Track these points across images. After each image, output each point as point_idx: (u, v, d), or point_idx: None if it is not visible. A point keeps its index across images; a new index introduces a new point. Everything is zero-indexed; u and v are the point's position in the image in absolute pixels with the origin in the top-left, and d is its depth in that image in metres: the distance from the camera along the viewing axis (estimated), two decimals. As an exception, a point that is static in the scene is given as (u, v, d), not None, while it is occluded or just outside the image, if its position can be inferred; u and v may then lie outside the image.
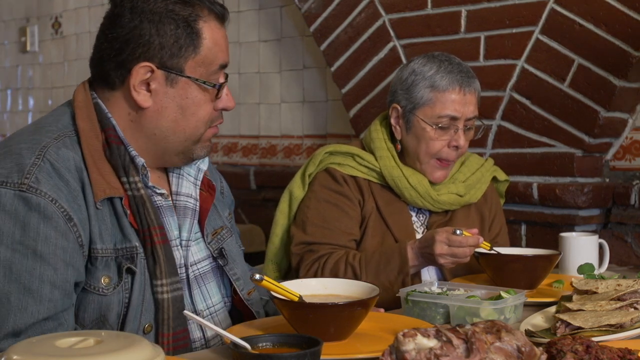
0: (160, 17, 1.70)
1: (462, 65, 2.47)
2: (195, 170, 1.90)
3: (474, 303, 1.78)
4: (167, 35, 1.70)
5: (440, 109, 2.41)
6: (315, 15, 3.51)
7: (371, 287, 1.70)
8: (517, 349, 1.27)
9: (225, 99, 1.81)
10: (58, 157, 1.63)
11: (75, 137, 1.70)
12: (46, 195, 1.57)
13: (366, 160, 2.50)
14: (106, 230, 1.66)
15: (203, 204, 1.89)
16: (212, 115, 1.80)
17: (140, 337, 1.26)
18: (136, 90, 1.72)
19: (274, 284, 1.62)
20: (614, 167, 2.94)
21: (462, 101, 2.41)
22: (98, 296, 1.65)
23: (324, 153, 2.56)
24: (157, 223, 1.72)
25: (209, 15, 1.75)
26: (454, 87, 2.40)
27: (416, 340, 1.26)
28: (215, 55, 1.75)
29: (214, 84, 1.76)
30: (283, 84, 3.92)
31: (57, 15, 5.14)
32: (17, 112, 5.47)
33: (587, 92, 2.80)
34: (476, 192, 2.57)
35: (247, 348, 1.35)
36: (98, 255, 1.64)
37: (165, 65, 1.71)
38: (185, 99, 1.74)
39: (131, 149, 1.74)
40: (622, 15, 2.70)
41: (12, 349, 1.17)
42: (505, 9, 2.96)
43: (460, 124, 2.42)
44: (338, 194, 2.48)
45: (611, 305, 1.73)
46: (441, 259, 2.23)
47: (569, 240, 2.43)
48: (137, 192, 1.71)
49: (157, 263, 1.70)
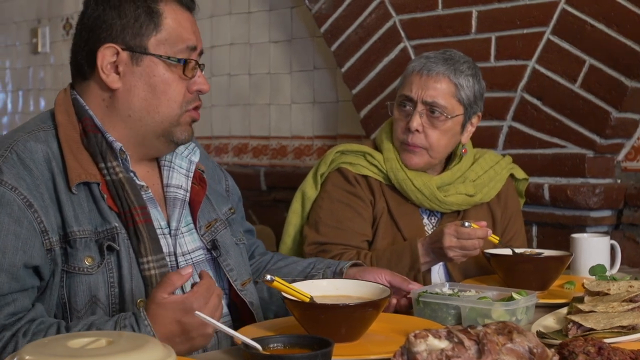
0: (120, 1, 1.79)
1: (447, 54, 2.50)
2: (187, 163, 1.95)
3: (485, 304, 1.78)
4: (127, 16, 1.79)
5: (401, 90, 2.49)
6: (326, 16, 3.51)
7: (382, 288, 1.70)
8: (529, 350, 1.27)
9: (199, 81, 1.85)
10: (25, 148, 1.72)
11: (53, 130, 1.79)
12: (6, 184, 1.66)
13: (377, 159, 2.50)
14: (83, 214, 1.72)
15: (195, 197, 1.93)
16: (187, 96, 1.84)
17: (152, 337, 1.26)
18: (105, 72, 1.79)
19: (285, 284, 1.62)
20: (625, 167, 2.93)
21: (420, 83, 2.44)
22: (84, 276, 1.69)
23: (335, 152, 2.56)
24: (138, 204, 1.77)
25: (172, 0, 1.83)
26: (416, 70, 2.47)
27: (427, 341, 1.26)
28: (179, 34, 1.81)
29: (179, 59, 1.80)
30: (293, 84, 3.92)
31: (68, 16, 5.15)
32: (28, 113, 5.49)
33: (598, 92, 2.79)
34: (489, 191, 2.55)
35: (259, 349, 1.35)
36: (76, 237, 1.70)
37: (129, 46, 1.79)
38: (152, 77, 1.80)
39: (108, 135, 1.81)
40: (633, 16, 2.69)
41: (24, 350, 1.18)
42: (516, 9, 2.96)
43: (418, 107, 2.43)
44: (351, 194, 2.48)
45: (623, 306, 1.72)
46: (450, 252, 2.24)
47: (581, 242, 2.42)
48: (116, 176, 1.77)
49: (141, 241, 1.75)
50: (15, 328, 1.60)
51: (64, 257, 1.70)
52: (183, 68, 1.81)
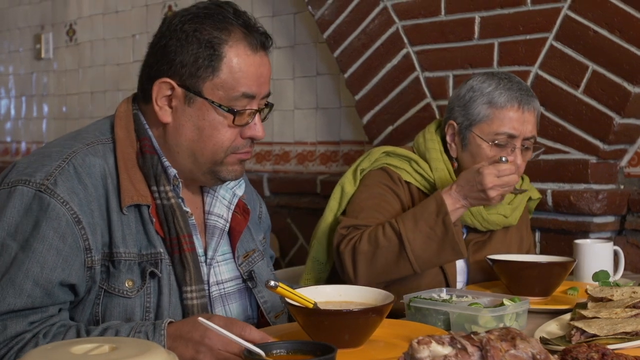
0: (187, 36, 1.74)
1: (522, 83, 2.43)
2: (231, 195, 1.93)
3: (473, 310, 1.78)
4: (188, 54, 1.74)
5: (498, 126, 2.36)
6: (329, 21, 3.51)
7: (386, 294, 1.70)
8: (532, 356, 1.26)
9: (253, 128, 1.81)
10: (83, 162, 1.70)
11: (111, 144, 1.78)
12: (59, 197, 1.64)
13: (422, 168, 2.46)
14: (130, 235, 1.71)
15: (236, 226, 1.92)
16: (237, 142, 1.80)
17: (155, 343, 1.26)
18: (158, 105, 1.77)
19: (288, 290, 1.62)
20: (628, 173, 2.93)
21: (521, 119, 2.36)
22: (122, 299, 1.69)
23: (381, 152, 2.52)
24: (187, 232, 1.76)
25: (240, 41, 1.76)
26: (512, 104, 2.36)
27: (431, 347, 1.25)
28: (238, 81, 1.75)
29: (230, 109, 1.76)
30: (296, 90, 3.93)
31: (72, 22, 5.16)
32: (31, 119, 5.50)
33: (601, 98, 2.79)
34: (517, 215, 2.54)
35: (262, 355, 1.35)
36: (121, 258, 1.69)
37: (184, 84, 1.75)
38: (202, 120, 1.76)
39: (164, 160, 1.79)
40: (636, 22, 2.69)
41: (28, 356, 1.18)
42: (519, 15, 2.96)
43: (517, 143, 2.37)
44: (392, 192, 2.44)
45: (627, 312, 1.72)
46: (492, 191, 2.21)
47: (584, 247, 2.42)
48: (167, 201, 1.76)
49: (187, 270, 1.74)
50: (36, 330, 1.61)
51: (104, 276, 1.69)
52: (234, 118, 1.77)
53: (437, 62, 3.19)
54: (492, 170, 2.20)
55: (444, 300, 1.91)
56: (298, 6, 3.86)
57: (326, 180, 3.65)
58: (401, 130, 3.29)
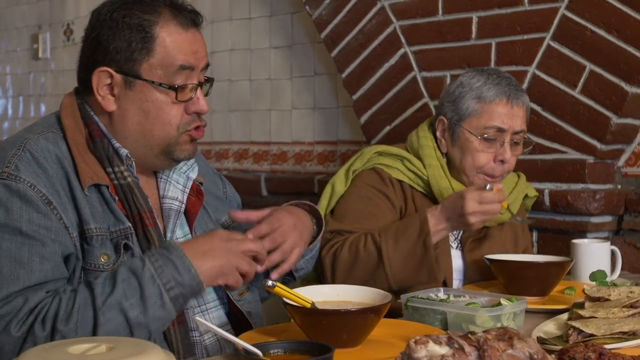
0: (117, 23, 1.78)
1: (512, 79, 2.44)
2: (184, 179, 1.95)
3: (470, 310, 1.78)
4: (121, 40, 1.77)
5: (487, 120, 2.38)
6: (326, 21, 3.51)
7: (384, 293, 1.70)
8: (530, 356, 1.27)
9: (197, 102, 1.83)
10: (37, 147, 1.73)
11: (60, 133, 1.80)
12: (25, 181, 1.66)
13: (415, 166, 2.47)
14: (97, 214, 1.74)
15: (192, 208, 1.94)
16: (184, 118, 1.83)
17: (153, 343, 1.26)
18: (100, 95, 1.80)
19: (286, 290, 1.62)
20: (626, 173, 2.93)
21: (510, 113, 2.38)
22: (100, 273, 1.70)
23: (373, 152, 2.53)
24: (147, 207, 1.79)
25: (170, 21, 1.79)
26: (501, 99, 2.38)
27: (428, 347, 1.26)
28: (174, 57, 1.79)
29: (171, 86, 1.79)
30: (294, 90, 3.93)
31: (69, 22, 5.16)
32: (29, 119, 5.49)
33: (598, 98, 2.79)
34: (513, 210, 2.54)
35: (259, 355, 1.35)
36: (93, 234, 1.71)
37: (122, 69, 1.78)
38: (145, 102, 1.79)
39: (114, 142, 1.82)
40: (634, 22, 2.69)
41: (25, 356, 1.18)
42: (516, 15, 2.96)
43: (507, 137, 2.38)
44: (381, 194, 2.45)
45: (624, 312, 1.72)
46: (472, 217, 2.21)
47: (581, 247, 2.43)
48: (124, 180, 1.79)
49: (152, 243, 1.77)
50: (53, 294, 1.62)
51: (82, 254, 1.71)
52: (175, 94, 1.79)
53: (435, 62, 3.19)
54: (475, 196, 2.21)
55: (441, 300, 1.91)
56: (295, 6, 3.86)
57: (324, 180, 3.64)
58: (399, 130, 3.29)
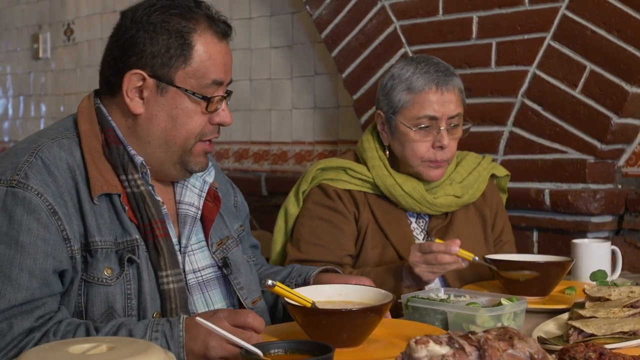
0: (155, 27, 1.77)
1: (441, 64, 2.46)
2: (201, 183, 1.94)
3: (470, 310, 1.79)
4: (159, 44, 1.77)
5: (419, 110, 2.40)
6: (327, 21, 3.51)
7: (385, 293, 1.70)
8: (530, 356, 1.27)
9: (222, 114, 1.85)
10: (50, 154, 1.72)
11: (75, 139, 1.79)
12: (32, 189, 1.65)
13: (359, 172, 2.50)
14: (105, 225, 1.73)
15: (208, 214, 1.93)
16: (206, 128, 1.83)
17: (153, 343, 1.26)
18: (129, 97, 1.79)
19: (287, 290, 1.62)
20: (626, 173, 2.93)
21: (440, 100, 2.40)
22: (103, 287, 1.70)
23: (316, 170, 2.56)
24: (159, 217, 1.78)
25: (207, 30, 1.80)
26: (430, 87, 2.40)
27: (428, 347, 1.26)
28: (208, 69, 1.79)
29: (204, 97, 1.79)
30: (294, 90, 3.93)
31: (70, 22, 5.16)
32: (29, 119, 5.49)
33: (599, 98, 2.79)
34: (475, 192, 2.56)
35: (259, 355, 1.35)
36: (98, 247, 1.70)
37: (156, 74, 1.77)
38: (175, 109, 1.79)
39: (130, 149, 1.81)
40: (634, 22, 2.69)
41: (25, 355, 1.18)
42: (516, 15, 2.96)
43: (442, 124, 2.40)
44: (331, 210, 2.47)
45: (624, 312, 1.72)
46: (416, 267, 2.21)
47: (582, 247, 2.43)
48: (137, 189, 1.78)
49: (161, 255, 1.75)
50: (44, 329, 1.61)
51: (83, 266, 1.70)
52: (206, 105, 1.80)
53: (435, 61, 3.19)
54: (416, 246, 2.22)
55: (441, 299, 1.91)
56: (296, 6, 3.85)
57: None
58: (399, 130, 3.29)
